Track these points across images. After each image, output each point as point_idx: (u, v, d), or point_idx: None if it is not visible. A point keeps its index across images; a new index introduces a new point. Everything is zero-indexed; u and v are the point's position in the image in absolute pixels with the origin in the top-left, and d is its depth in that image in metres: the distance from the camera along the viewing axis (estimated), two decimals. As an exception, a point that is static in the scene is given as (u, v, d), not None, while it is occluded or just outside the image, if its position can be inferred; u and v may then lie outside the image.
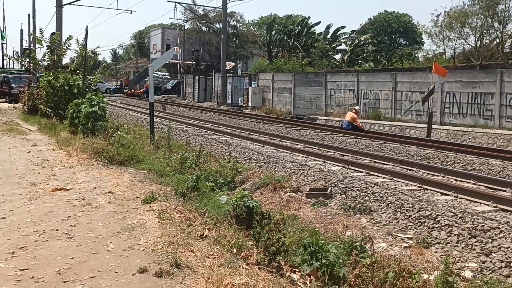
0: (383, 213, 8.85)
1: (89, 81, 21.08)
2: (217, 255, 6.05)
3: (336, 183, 10.79)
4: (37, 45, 27.19)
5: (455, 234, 7.76)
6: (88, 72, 21.66)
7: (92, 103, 16.21)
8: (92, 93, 17.85)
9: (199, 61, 68.32)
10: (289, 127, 26.08)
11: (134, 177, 10.25)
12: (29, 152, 13.46)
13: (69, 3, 34.42)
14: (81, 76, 20.81)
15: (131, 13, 49.18)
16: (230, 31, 69.62)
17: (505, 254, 7.04)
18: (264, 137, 20.39)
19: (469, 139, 21.75)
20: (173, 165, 11.43)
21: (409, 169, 13.25)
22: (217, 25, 65.00)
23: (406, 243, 7.63)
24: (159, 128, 21.39)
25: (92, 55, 22.54)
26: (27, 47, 51.43)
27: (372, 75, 31.29)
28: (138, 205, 8.15)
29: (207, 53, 74.07)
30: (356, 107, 25.98)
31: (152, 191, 8.93)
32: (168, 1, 62.39)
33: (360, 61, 55.76)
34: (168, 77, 75.07)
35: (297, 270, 5.90)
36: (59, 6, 33.31)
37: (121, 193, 8.93)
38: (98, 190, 9.12)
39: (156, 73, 71.77)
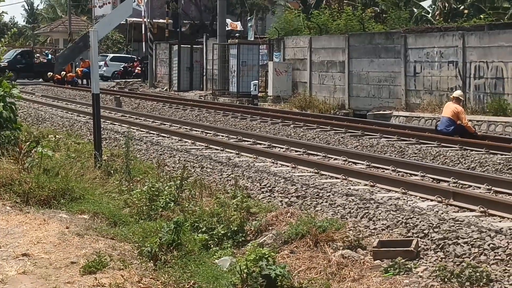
0: (512, 285, 6.82)
1: None
2: None
3: (426, 232, 8.26)
4: None
5: None
6: None
7: None
8: None
9: (179, 18, 46.67)
10: (341, 131, 19.33)
11: (67, 227, 8.22)
12: None
13: None
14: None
15: None
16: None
17: None
18: (296, 150, 15.20)
19: None
20: (135, 204, 9.74)
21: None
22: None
23: None
24: (110, 139, 16.62)
25: None
26: None
27: (490, 36, 21.90)
28: (74, 276, 6.53)
29: (193, 4, 50.65)
30: (457, 93, 18.20)
31: (99, 252, 7.15)
32: None
33: (466, 11, 36.73)
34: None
35: None
36: None
37: (45, 256, 7.12)
38: (5, 252, 7.23)
39: None
